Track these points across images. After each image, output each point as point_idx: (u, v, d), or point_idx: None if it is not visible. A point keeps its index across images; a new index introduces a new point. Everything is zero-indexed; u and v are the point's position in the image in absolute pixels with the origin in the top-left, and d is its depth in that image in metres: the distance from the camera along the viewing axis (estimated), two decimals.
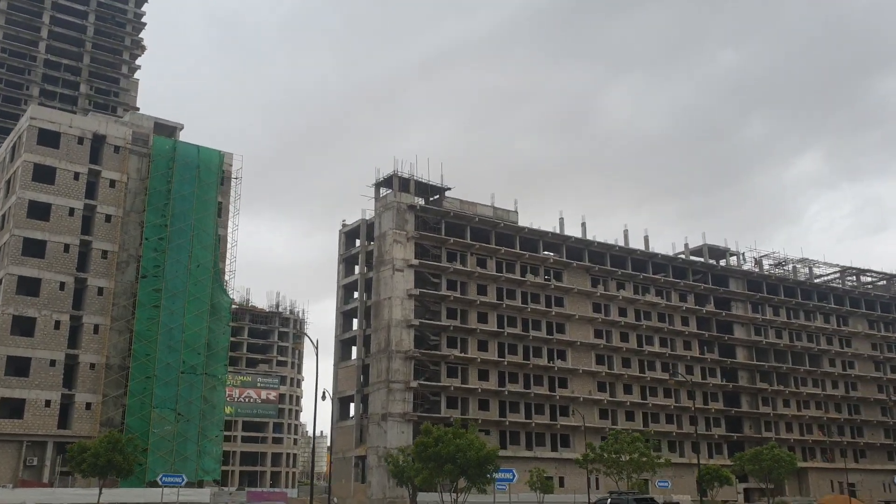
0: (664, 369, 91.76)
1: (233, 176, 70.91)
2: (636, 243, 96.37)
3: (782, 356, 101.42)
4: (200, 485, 61.64)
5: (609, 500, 32.85)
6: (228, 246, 69.86)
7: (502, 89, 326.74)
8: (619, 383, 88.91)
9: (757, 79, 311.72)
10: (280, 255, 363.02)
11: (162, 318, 63.17)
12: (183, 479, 48.35)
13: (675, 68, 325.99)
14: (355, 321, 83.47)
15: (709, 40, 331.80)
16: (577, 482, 78.15)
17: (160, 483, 48.43)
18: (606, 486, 77.46)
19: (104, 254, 63.83)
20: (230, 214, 70.40)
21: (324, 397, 49.06)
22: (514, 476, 32.60)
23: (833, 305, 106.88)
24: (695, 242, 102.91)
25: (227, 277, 69.40)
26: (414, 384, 75.10)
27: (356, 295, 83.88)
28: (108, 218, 64.65)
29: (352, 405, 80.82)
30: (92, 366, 61.58)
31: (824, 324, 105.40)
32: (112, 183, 65.61)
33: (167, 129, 71.11)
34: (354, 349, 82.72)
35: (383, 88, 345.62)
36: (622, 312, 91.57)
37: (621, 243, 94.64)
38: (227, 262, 69.62)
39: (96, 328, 62.20)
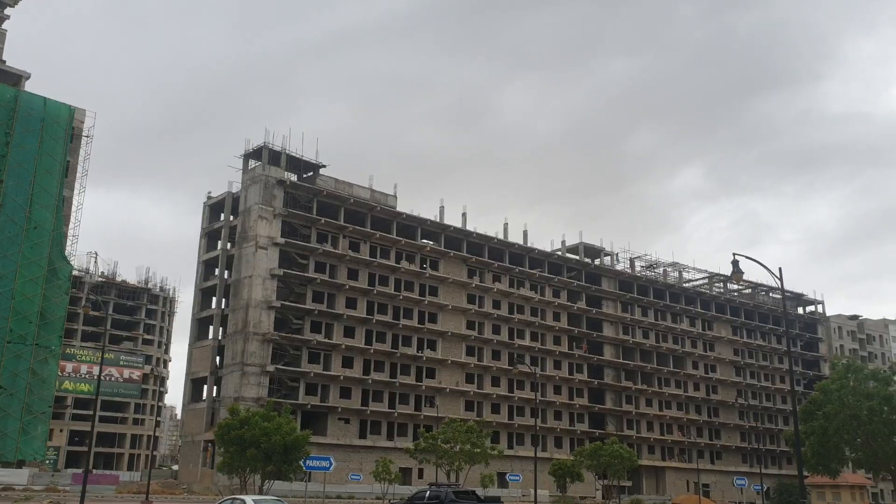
0: (533, 363, 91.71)
1: (84, 134, 65.53)
2: (516, 239, 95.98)
3: (648, 356, 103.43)
4: (20, 465, 56.62)
5: (428, 493, 31.09)
6: (73, 208, 64.51)
7: (398, 78, 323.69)
8: (488, 375, 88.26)
9: (646, 89, 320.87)
10: (162, 231, 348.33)
11: None
12: None
13: (570, 72, 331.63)
14: (216, 299, 79.37)
15: (602, 47, 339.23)
16: (436, 474, 76.84)
17: None
18: (467, 478, 76.58)
19: None
20: (78, 175, 65.04)
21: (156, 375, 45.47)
22: (330, 464, 30.37)
23: (699, 310, 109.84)
24: (574, 241, 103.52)
25: (69, 242, 64.06)
26: (271, 368, 71.91)
27: (218, 272, 79.72)
28: None
29: (205, 387, 76.72)
30: None
31: (690, 327, 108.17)
32: None
33: (11, 77, 64.95)
34: (213, 329, 78.68)
35: (277, 67, 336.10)
36: (496, 305, 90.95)
37: (501, 236, 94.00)
38: (72, 226, 64.29)
39: None
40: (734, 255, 21.09)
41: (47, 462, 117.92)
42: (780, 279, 21.54)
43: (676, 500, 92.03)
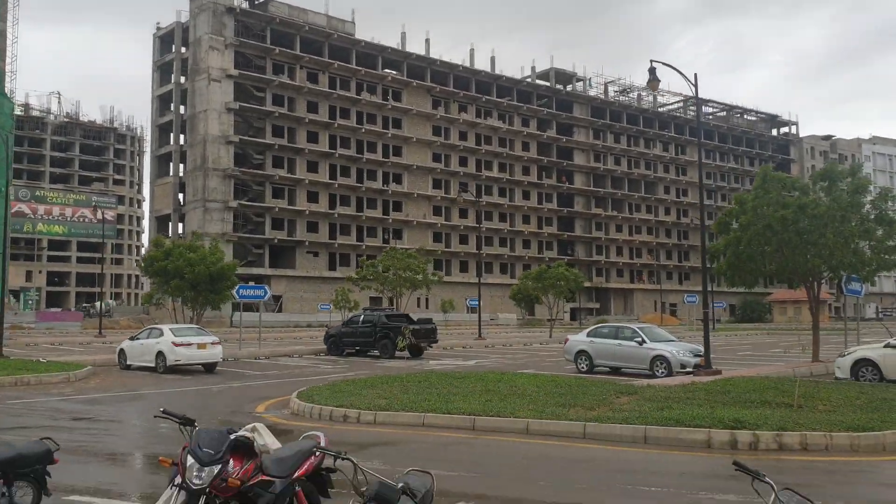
0: (501, 194, 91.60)
1: None
2: (484, 67, 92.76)
3: (619, 183, 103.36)
4: None
5: (362, 317, 31.55)
6: (9, 42, 61.24)
7: None
8: (455, 207, 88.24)
9: None
10: (126, 68, 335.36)
11: None
12: None
13: None
14: (173, 135, 77.47)
15: None
16: (403, 300, 78.52)
17: None
18: (434, 304, 78.42)
19: None
20: (10, 5, 61.28)
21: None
22: (265, 293, 30.48)
23: (673, 134, 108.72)
24: (545, 67, 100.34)
25: (9, 79, 61.31)
26: (233, 204, 71.37)
27: (173, 107, 77.31)
28: None
29: (170, 224, 76.48)
30: None
31: (663, 152, 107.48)
32: None
33: None
34: (173, 165, 77.37)
35: None
36: (462, 136, 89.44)
37: (467, 64, 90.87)
38: (9, 61, 61.28)
39: None
40: (651, 62, 19.85)
41: (30, 302, 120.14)
42: (695, 85, 20.44)
43: (643, 318, 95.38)
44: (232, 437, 5.00)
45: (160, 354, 23.42)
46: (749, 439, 11.54)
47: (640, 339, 22.20)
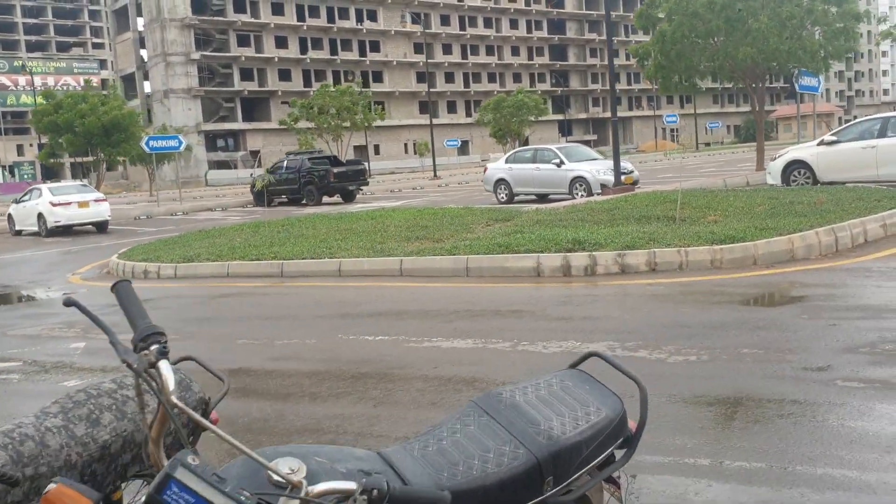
0: (487, 25, 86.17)
1: None
2: None
3: (613, 3, 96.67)
4: None
5: (285, 164, 29.11)
6: None
7: None
8: (438, 43, 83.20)
9: None
10: None
11: None
12: None
13: None
14: None
15: None
16: (392, 148, 76.10)
17: None
18: (419, 151, 75.59)
19: None
20: None
21: None
22: (179, 143, 28.14)
23: None
24: None
25: None
26: (196, 56, 67.44)
27: None
28: None
29: (135, 83, 73.12)
30: None
31: None
32: None
33: None
34: (131, 20, 72.93)
35: None
36: None
37: None
38: None
39: None
40: None
41: (25, 176, 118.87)
42: None
43: (642, 147, 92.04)
44: None
45: (41, 216, 21.44)
46: (585, 262, 9.31)
47: (558, 161, 19.76)
